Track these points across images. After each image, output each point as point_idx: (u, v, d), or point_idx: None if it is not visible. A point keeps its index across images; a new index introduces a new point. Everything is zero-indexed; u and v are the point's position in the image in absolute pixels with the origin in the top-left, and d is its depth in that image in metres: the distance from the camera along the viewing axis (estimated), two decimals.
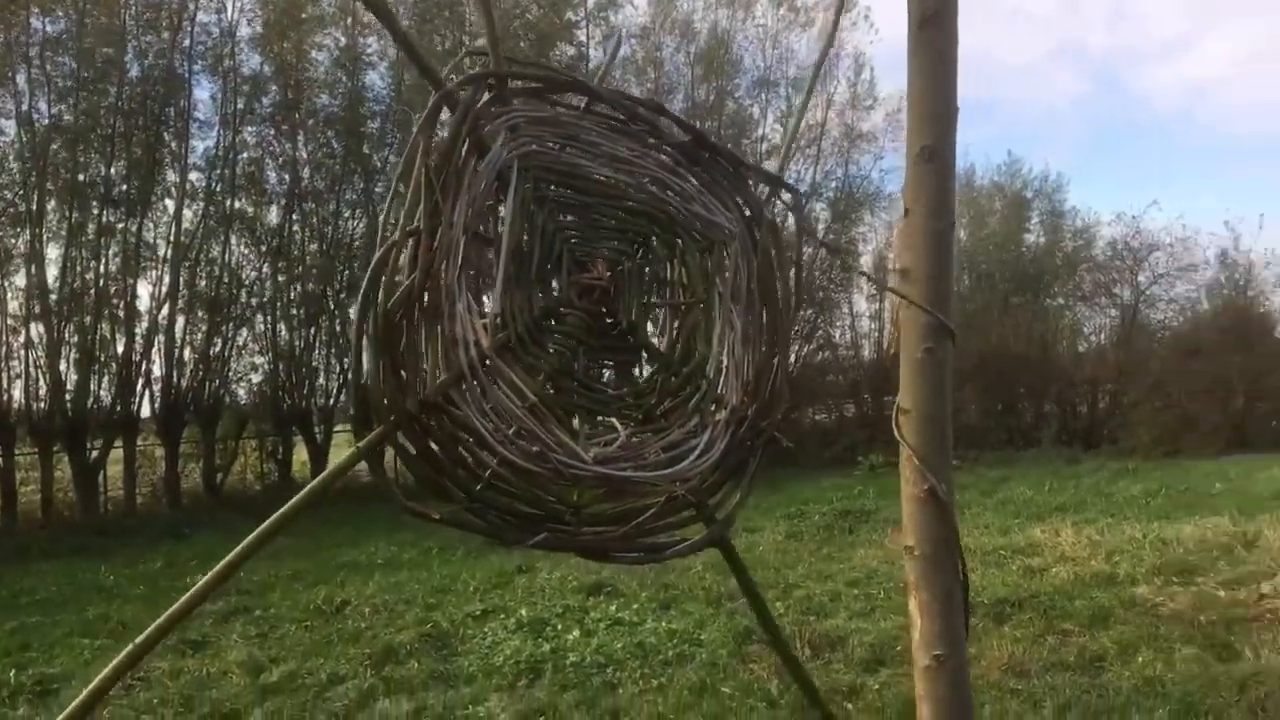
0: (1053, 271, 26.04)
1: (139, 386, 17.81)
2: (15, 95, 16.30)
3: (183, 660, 7.00)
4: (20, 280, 16.92)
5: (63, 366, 16.70)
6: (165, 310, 17.95)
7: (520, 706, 5.93)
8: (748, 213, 2.12)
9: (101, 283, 17.20)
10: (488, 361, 1.71)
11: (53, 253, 16.83)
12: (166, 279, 17.94)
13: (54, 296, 16.61)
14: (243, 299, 19.37)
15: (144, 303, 18.05)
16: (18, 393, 16.88)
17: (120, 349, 17.51)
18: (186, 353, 18.52)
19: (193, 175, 18.59)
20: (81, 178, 16.92)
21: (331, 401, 20.07)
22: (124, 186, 17.49)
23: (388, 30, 2.14)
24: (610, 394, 2.10)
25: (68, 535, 14.62)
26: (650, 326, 2.18)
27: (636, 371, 2.18)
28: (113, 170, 17.33)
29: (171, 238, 18.08)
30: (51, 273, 16.68)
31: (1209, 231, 25.78)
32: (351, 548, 12.14)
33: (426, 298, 1.66)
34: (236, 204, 19.14)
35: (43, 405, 16.65)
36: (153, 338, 17.94)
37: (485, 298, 1.88)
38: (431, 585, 9.39)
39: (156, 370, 18.08)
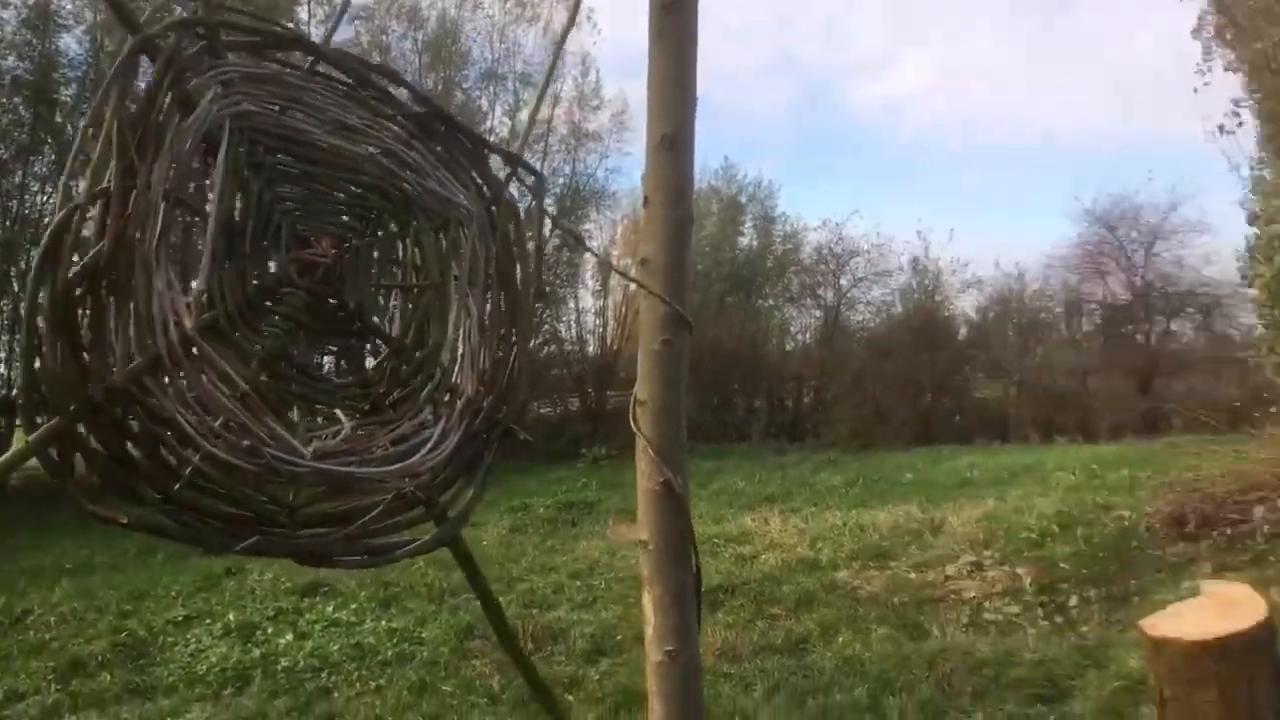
0: (764, 273, 27.32)
1: None
2: None
3: None
4: None
5: None
6: None
7: (226, 716, 5.60)
8: (486, 193, 2.01)
9: None
10: (190, 345, 1.50)
11: None
12: None
13: None
14: None
15: None
16: None
17: None
18: None
19: None
20: None
21: (13, 392, 18.20)
22: None
23: None
24: (334, 383, 1.92)
25: None
26: (380, 310, 2.02)
27: (364, 359, 2.01)
28: None
29: None
30: None
31: (903, 239, 27.83)
32: (34, 551, 11.02)
33: (117, 270, 1.44)
34: None
35: None
36: None
37: (178, 280, 1.68)
38: (127, 590, 8.66)
39: None
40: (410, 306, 1.97)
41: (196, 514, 1.51)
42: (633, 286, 2.32)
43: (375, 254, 1.95)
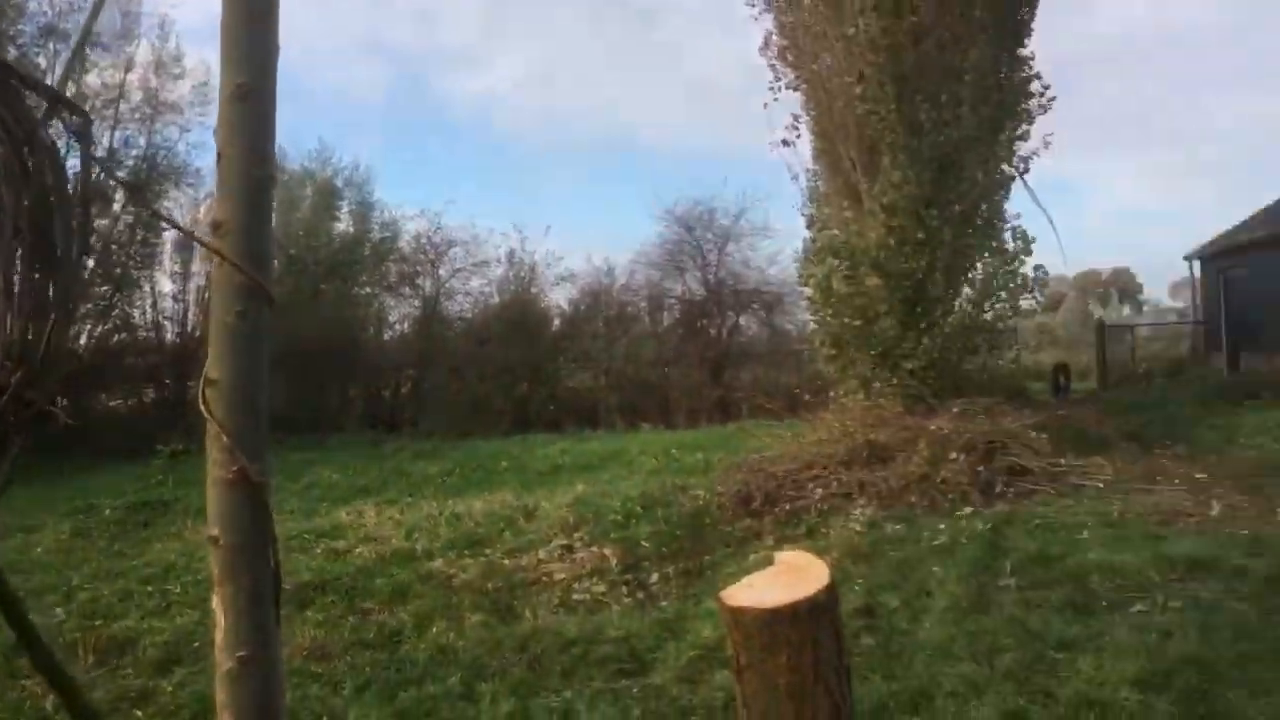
0: (361, 261, 26.73)
1: None
2: None
3: None
4: None
5: None
6: None
7: None
8: (16, 131, 1.70)
9: None
10: None
11: None
12: None
13: None
14: None
15: None
16: None
17: None
18: None
19: None
20: None
21: None
22: None
23: None
24: None
25: None
26: None
27: None
28: None
29: None
30: None
31: (501, 231, 28.25)
32: None
33: None
34: None
35: None
36: None
37: None
38: None
39: None
40: None
41: None
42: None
43: None
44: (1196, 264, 27.53)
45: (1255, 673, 4.61)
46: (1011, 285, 13.58)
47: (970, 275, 13.79)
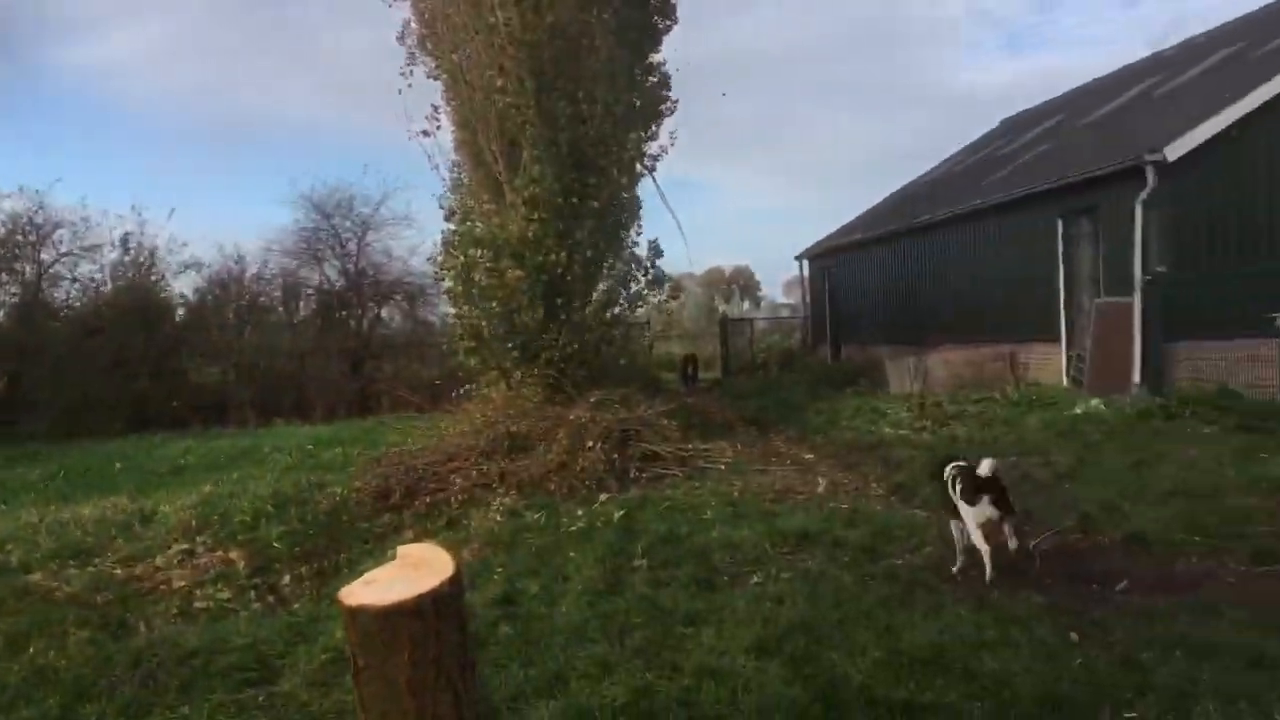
0: None
1: None
2: None
3: None
4: None
5: None
6: None
7: None
8: None
9: None
10: None
11: None
12: None
13: None
14: None
15: None
16: None
17: None
18: None
19: None
20: None
21: None
22: None
23: None
24: None
25: None
26: None
27: None
28: None
29: None
30: None
31: (116, 213, 25.76)
32: None
33: None
34: None
35: None
36: None
37: None
38: None
39: None
40: None
41: None
42: None
43: None
44: (805, 263, 30.16)
45: (853, 633, 5.09)
46: (643, 279, 14.26)
47: (606, 269, 14.30)
